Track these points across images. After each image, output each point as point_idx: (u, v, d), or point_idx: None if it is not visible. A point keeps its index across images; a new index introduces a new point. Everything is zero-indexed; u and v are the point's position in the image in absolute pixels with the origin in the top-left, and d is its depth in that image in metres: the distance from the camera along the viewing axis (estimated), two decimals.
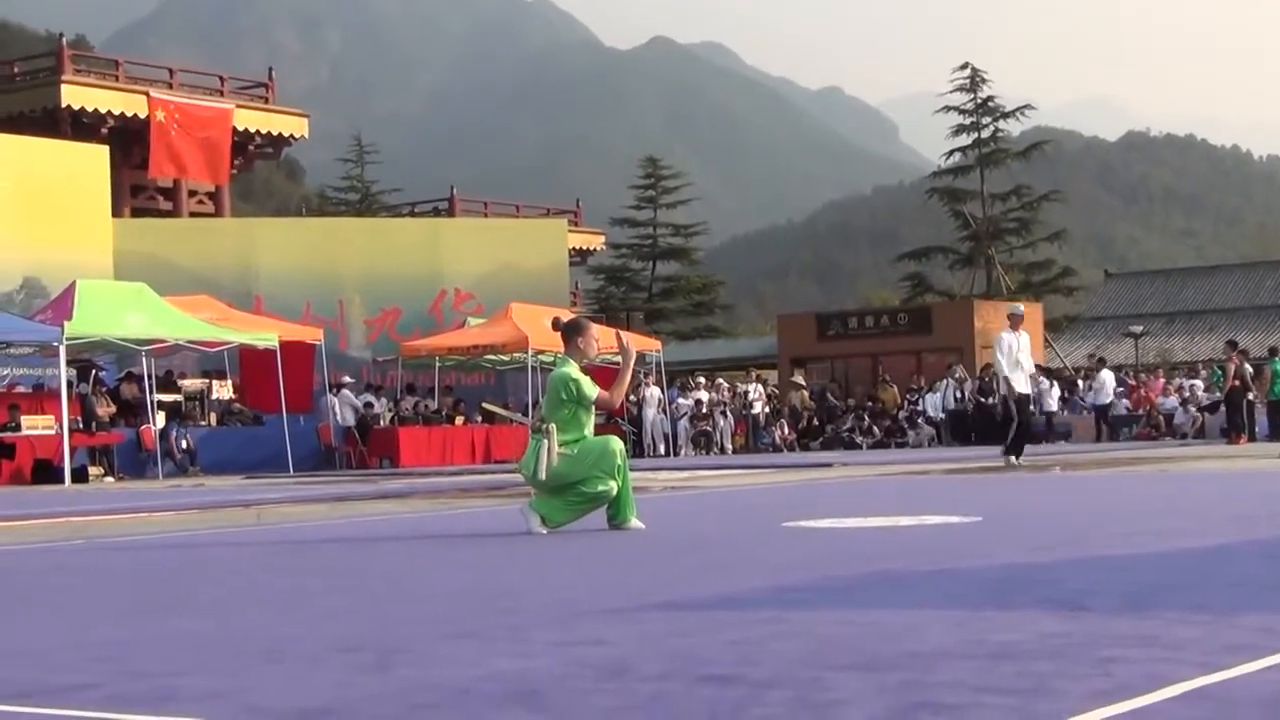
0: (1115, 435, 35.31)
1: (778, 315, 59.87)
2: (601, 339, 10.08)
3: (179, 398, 29.96)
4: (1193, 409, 35.93)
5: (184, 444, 28.20)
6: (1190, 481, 14.72)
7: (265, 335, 29.05)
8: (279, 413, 28.50)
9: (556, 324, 9.85)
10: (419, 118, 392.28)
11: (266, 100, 45.87)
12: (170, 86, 43.11)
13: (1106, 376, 36.36)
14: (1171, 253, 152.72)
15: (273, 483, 22.85)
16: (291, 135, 46.19)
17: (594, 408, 9.30)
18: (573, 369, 9.30)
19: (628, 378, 9.75)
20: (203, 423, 29.87)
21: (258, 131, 44.84)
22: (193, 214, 43.38)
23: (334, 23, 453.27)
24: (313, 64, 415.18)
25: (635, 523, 9.25)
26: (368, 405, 31.89)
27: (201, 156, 41.70)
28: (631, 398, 34.16)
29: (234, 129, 43.02)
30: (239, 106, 43.92)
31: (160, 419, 28.18)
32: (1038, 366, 39.84)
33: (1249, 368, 31.48)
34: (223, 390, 30.79)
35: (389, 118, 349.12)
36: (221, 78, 46.60)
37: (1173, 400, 37.26)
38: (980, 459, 23.47)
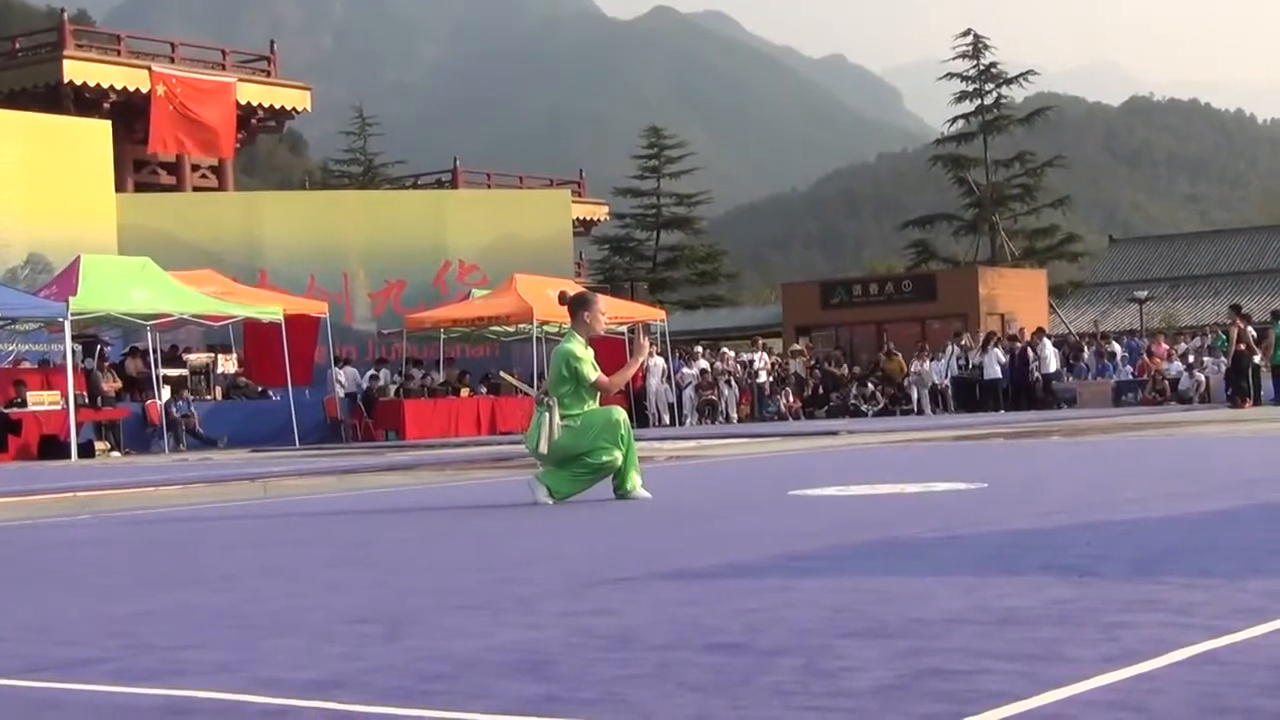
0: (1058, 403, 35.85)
1: (782, 284, 59.84)
2: (609, 311, 10.10)
3: (184, 372, 30.00)
4: (1198, 373, 35.94)
5: (186, 412, 28.16)
6: (1196, 446, 14.71)
7: (270, 309, 29.06)
8: (284, 386, 28.57)
9: (563, 298, 9.83)
10: (422, 88, 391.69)
11: (269, 73, 45.78)
12: (172, 61, 43.02)
13: (1047, 345, 37.09)
14: (1176, 218, 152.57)
15: (279, 455, 22.90)
16: (294, 108, 46.08)
17: (592, 390, 9.31)
18: (577, 345, 9.29)
19: (631, 372, 9.82)
20: (208, 396, 29.91)
21: (260, 105, 44.76)
22: (196, 188, 43.33)
23: None
24: (315, 35, 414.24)
25: (641, 492, 9.27)
26: (373, 378, 31.94)
27: (204, 131, 41.63)
28: None
29: (236, 103, 42.94)
30: (241, 80, 43.84)
31: (165, 394, 28.22)
32: (1039, 331, 39.96)
33: (1253, 331, 31.50)
34: (228, 364, 30.83)
35: (392, 88, 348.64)
36: (223, 51, 46.51)
37: (1177, 365, 37.27)
38: (985, 425, 23.49)
